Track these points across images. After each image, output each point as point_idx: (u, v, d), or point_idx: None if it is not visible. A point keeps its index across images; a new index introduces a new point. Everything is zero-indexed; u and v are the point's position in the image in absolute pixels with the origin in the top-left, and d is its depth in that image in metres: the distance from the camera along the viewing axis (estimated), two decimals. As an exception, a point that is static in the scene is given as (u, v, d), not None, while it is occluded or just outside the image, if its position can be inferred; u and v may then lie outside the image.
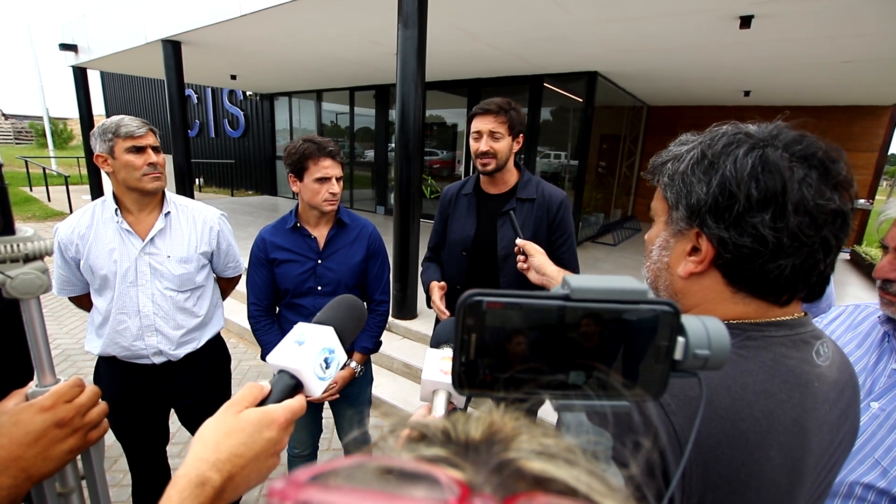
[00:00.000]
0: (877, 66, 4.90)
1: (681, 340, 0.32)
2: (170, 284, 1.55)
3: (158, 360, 1.56)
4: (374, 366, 2.02)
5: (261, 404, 0.47)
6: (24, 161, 12.65)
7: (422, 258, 2.05)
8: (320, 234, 1.67)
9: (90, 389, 0.59)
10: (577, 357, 0.31)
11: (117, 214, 1.48)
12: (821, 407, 0.55)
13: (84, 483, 0.64)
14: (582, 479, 0.19)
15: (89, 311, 1.60)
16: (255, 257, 1.67)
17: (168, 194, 1.58)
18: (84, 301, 1.61)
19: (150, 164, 1.45)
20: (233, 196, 12.06)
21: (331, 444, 2.65)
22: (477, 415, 0.24)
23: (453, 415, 0.25)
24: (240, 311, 3.90)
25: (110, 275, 1.48)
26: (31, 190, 11.61)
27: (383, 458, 0.20)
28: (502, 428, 0.23)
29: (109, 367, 1.58)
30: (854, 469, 0.89)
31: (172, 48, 5.92)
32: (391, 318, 3.79)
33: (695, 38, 4.36)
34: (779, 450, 0.50)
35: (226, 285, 1.85)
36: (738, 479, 0.49)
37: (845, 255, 7.31)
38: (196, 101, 12.99)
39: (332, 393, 1.67)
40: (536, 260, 1.21)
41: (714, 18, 3.73)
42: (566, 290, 0.30)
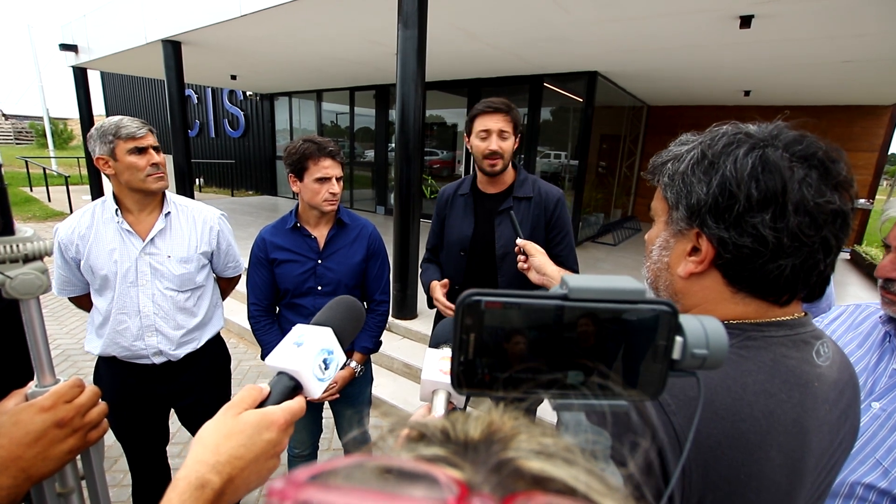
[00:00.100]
0: (877, 66, 4.90)
1: (679, 340, 0.32)
2: (170, 284, 1.55)
3: (158, 360, 1.56)
4: (374, 366, 2.02)
5: (260, 406, 0.47)
6: (24, 161, 12.65)
7: (421, 259, 2.05)
8: (320, 234, 1.67)
9: (90, 389, 0.59)
10: (575, 357, 0.31)
11: (118, 215, 1.48)
12: (821, 407, 0.55)
13: (84, 483, 0.64)
14: (580, 479, 0.19)
15: (89, 311, 1.60)
16: (256, 257, 1.67)
17: (168, 194, 1.58)
18: (84, 301, 1.61)
19: (152, 164, 1.46)
20: (233, 196, 12.07)
21: (331, 444, 2.65)
22: (476, 414, 0.24)
23: (452, 414, 0.25)
24: (240, 312, 3.90)
25: (111, 275, 1.48)
26: (32, 190, 11.62)
27: (382, 458, 0.20)
28: (501, 427, 0.23)
29: (109, 367, 1.58)
30: (855, 469, 0.89)
31: (172, 48, 5.93)
32: (391, 318, 3.79)
33: (695, 38, 4.36)
34: (779, 450, 0.50)
35: (225, 285, 1.85)
36: (739, 480, 0.49)
37: (845, 254, 7.31)
38: (196, 101, 13.00)
39: (332, 393, 1.67)
40: (537, 260, 1.21)
41: (714, 18, 3.73)
42: (564, 290, 0.30)
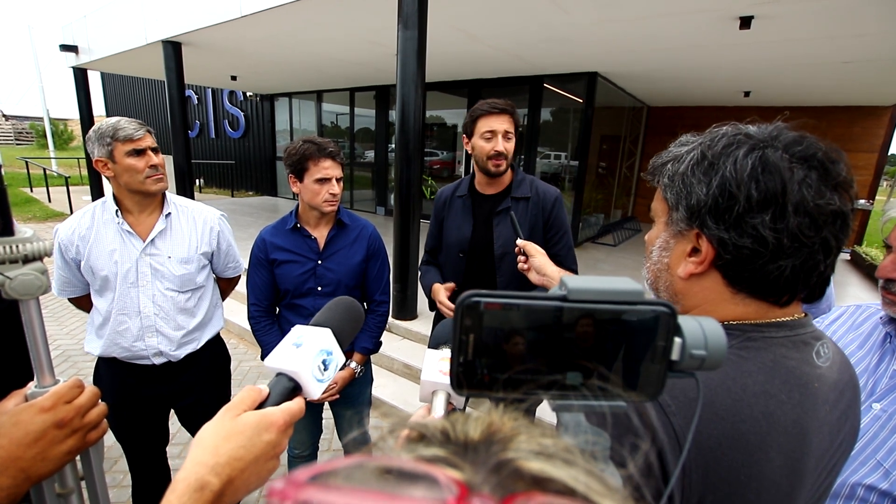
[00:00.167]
0: (877, 67, 4.90)
1: (677, 341, 0.32)
2: (171, 285, 1.55)
3: (159, 360, 1.56)
4: (374, 366, 2.02)
5: (259, 407, 0.47)
6: (24, 162, 12.67)
7: (420, 261, 2.04)
8: (320, 234, 1.67)
9: (90, 390, 0.60)
10: (574, 358, 0.31)
11: (118, 216, 1.48)
12: (821, 408, 0.55)
13: (83, 484, 0.64)
14: (580, 479, 0.19)
15: (89, 311, 1.60)
16: (256, 258, 1.67)
17: (168, 195, 1.58)
18: (84, 302, 1.61)
19: (151, 166, 1.45)
20: (233, 197, 12.07)
21: (331, 444, 2.65)
22: (476, 415, 0.24)
23: (452, 415, 0.25)
24: (240, 312, 3.90)
25: (111, 276, 1.48)
26: (32, 191, 11.62)
27: (382, 458, 0.20)
28: (501, 428, 0.23)
29: (109, 368, 1.58)
30: (856, 470, 0.88)
31: (173, 49, 5.93)
32: (391, 319, 3.79)
33: (695, 39, 4.37)
34: (779, 451, 0.50)
35: (225, 285, 1.85)
36: (738, 481, 0.49)
37: (846, 255, 7.31)
38: (196, 101, 13.00)
39: (333, 393, 1.67)
40: (537, 260, 1.21)
41: (714, 19, 3.73)
42: (563, 291, 0.30)
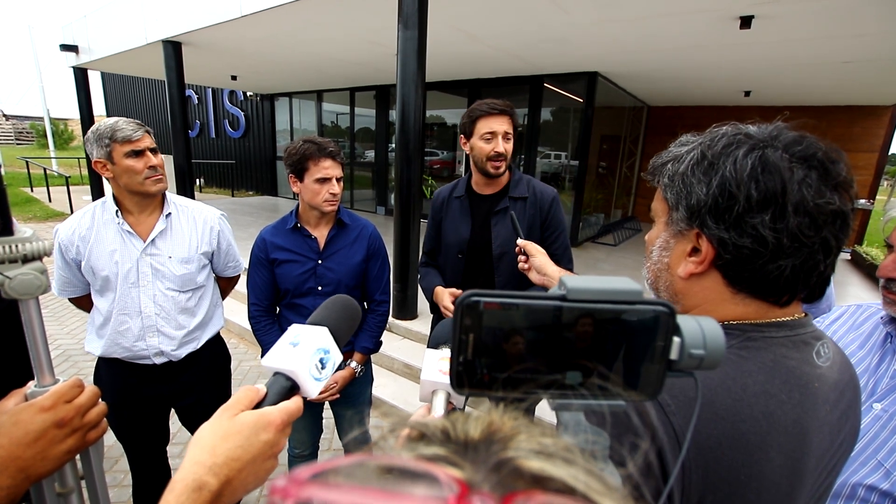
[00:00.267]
0: (877, 67, 4.90)
1: (676, 340, 0.32)
2: (171, 285, 1.55)
3: (159, 360, 1.56)
4: (374, 366, 2.02)
5: (257, 407, 0.47)
6: (24, 162, 12.67)
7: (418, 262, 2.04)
8: (321, 234, 1.67)
9: (90, 390, 0.60)
10: (574, 357, 0.31)
11: (118, 216, 1.48)
12: (821, 408, 0.55)
13: (83, 483, 0.64)
14: (580, 478, 0.19)
15: (89, 311, 1.60)
16: (256, 257, 1.67)
17: (168, 195, 1.58)
18: (84, 302, 1.61)
19: (150, 166, 1.45)
20: (233, 196, 12.07)
21: (331, 444, 2.65)
22: (476, 414, 0.25)
23: (452, 414, 0.25)
24: (240, 312, 3.90)
25: (112, 276, 1.48)
26: (32, 190, 11.63)
27: (383, 457, 0.20)
28: (501, 427, 0.23)
29: (110, 368, 1.58)
30: (857, 471, 0.88)
31: (173, 49, 5.93)
32: (391, 319, 3.79)
33: (695, 39, 4.37)
34: (779, 451, 0.50)
35: (225, 285, 1.85)
36: (739, 481, 0.49)
37: (846, 255, 7.30)
38: (196, 101, 13.00)
39: (333, 393, 1.67)
40: (538, 260, 1.21)
41: (714, 19, 3.73)
42: (563, 291, 0.31)
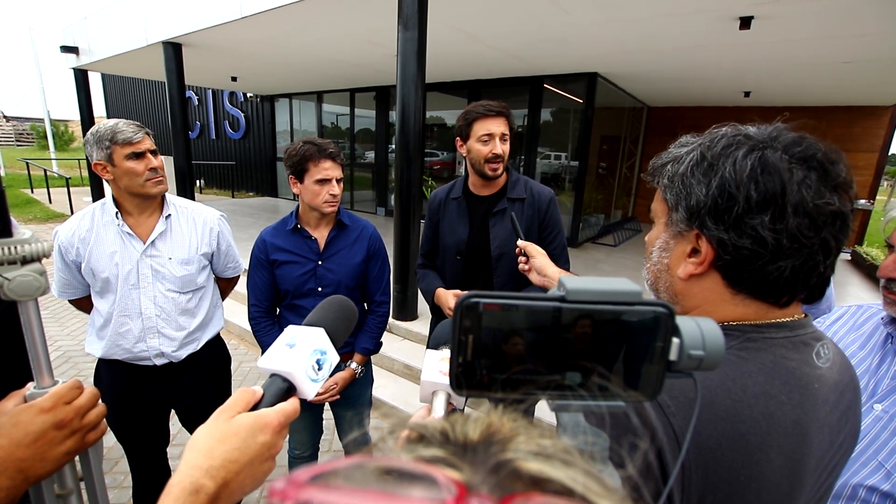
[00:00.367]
0: (877, 67, 4.90)
1: (675, 341, 0.32)
2: (171, 286, 1.55)
3: (160, 361, 1.56)
4: (374, 367, 2.02)
5: (254, 409, 0.47)
6: (25, 163, 12.69)
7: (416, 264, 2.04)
8: (321, 235, 1.67)
9: (89, 391, 0.60)
10: (573, 358, 0.31)
11: (118, 217, 1.48)
12: (821, 409, 0.55)
13: (83, 485, 0.64)
14: (578, 480, 0.19)
15: (89, 313, 1.60)
16: (256, 258, 1.67)
17: (168, 196, 1.58)
18: (84, 303, 1.61)
19: (150, 168, 1.45)
20: (233, 198, 12.08)
21: (331, 445, 2.65)
22: (475, 416, 0.25)
23: (452, 416, 0.25)
24: (241, 313, 3.90)
25: (112, 277, 1.48)
26: (33, 192, 11.64)
27: (382, 459, 0.20)
28: (500, 429, 0.23)
29: (110, 369, 1.58)
30: (857, 471, 0.88)
31: (173, 50, 5.94)
32: (391, 320, 3.79)
33: (695, 39, 4.37)
34: (779, 451, 0.50)
35: (225, 285, 1.85)
36: (738, 481, 0.49)
37: (846, 255, 7.30)
38: (197, 102, 13.02)
39: (333, 394, 1.67)
40: (538, 261, 1.21)
41: (714, 19, 3.74)
42: (562, 292, 0.31)
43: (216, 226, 1.67)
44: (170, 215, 1.56)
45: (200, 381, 1.69)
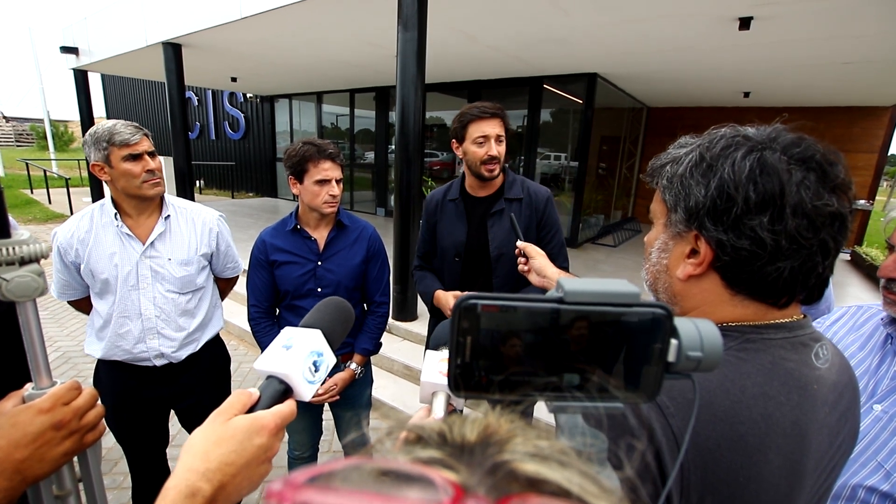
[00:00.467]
0: (876, 67, 4.91)
1: (674, 343, 0.32)
2: (171, 287, 1.55)
3: (159, 362, 1.56)
4: (374, 367, 2.02)
5: (250, 411, 0.46)
6: (25, 163, 12.69)
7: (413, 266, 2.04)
8: (320, 235, 1.67)
9: (87, 392, 0.60)
10: (571, 359, 0.31)
11: (117, 219, 1.48)
12: (820, 409, 0.55)
13: (81, 486, 0.64)
14: (574, 481, 0.19)
15: (89, 313, 1.60)
16: (256, 259, 1.67)
17: (167, 197, 1.58)
18: (83, 304, 1.61)
19: (148, 170, 1.45)
20: (233, 198, 12.08)
21: (331, 446, 2.65)
22: (473, 417, 0.25)
23: (450, 417, 0.25)
24: (240, 314, 3.90)
25: (111, 279, 1.48)
26: (32, 192, 11.64)
27: (380, 460, 0.20)
28: (497, 430, 0.23)
29: (110, 370, 1.58)
30: (857, 472, 0.88)
31: (173, 51, 5.94)
32: (391, 320, 3.79)
33: (694, 40, 4.37)
34: (777, 452, 0.50)
35: (224, 286, 1.85)
36: (737, 482, 0.49)
37: (846, 255, 7.30)
38: (196, 103, 13.02)
39: (333, 394, 1.67)
40: (537, 262, 1.21)
41: (713, 20, 3.74)
42: (560, 294, 0.31)
43: (215, 226, 1.67)
44: (169, 216, 1.56)
45: (200, 381, 1.69)
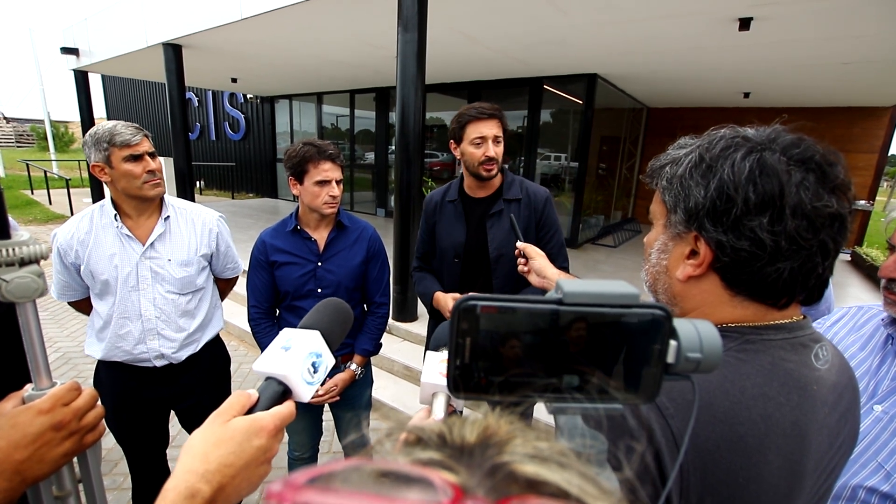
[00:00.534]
0: (876, 68, 4.91)
1: (673, 344, 0.32)
2: (171, 288, 1.55)
3: (160, 363, 1.56)
4: (374, 368, 2.02)
5: (249, 412, 0.46)
6: (25, 164, 12.70)
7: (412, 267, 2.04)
8: (320, 236, 1.67)
9: (87, 393, 0.60)
10: (571, 361, 0.31)
11: (116, 220, 1.48)
12: (820, 410, 0.55)
13: (81, 486, 0.64)
14: (574, 482, 0.19)
15: (89, 314, 1.60)
16: (256, 260, 1.67)
17: (167, 198, 1.58)
18: (84, 305, 1.61)
19: (148, 171, 1.45)
20: (233, 199, 12.08)
21: (331, 446, 2.64)
22: (473, 418, 0.25)
23: (449, 419, 0.25)
24: (240, 314, 3.90)
25: (111, 280, 1.48)
26: (33, 193, 11.64)
27: (379, 462, 0.21)
28: (497, 431, 0.23)
29: (110, 371, 1.58)
30: (857, 473, 0.88)
31: (173, 51, 5.95)
32: (391, 321, 3.79)
33: (694, 41, 4.37)
34: (777, 453, 0.50)
35: (224, 286, 1.85)
36: (737, 483, 0.49)
37: (846, 256, 7.30)
38: (197, 103, 13.03)
39: (333, 395, 1.67)
40: (537, 263, 1.21)
41: (713, 20, 3.74)
42: (559, 295, 0.31)
43: (215, 227, 1.67)
44: (169, 217, 1.56)
45: (200, 382, 1.69)
